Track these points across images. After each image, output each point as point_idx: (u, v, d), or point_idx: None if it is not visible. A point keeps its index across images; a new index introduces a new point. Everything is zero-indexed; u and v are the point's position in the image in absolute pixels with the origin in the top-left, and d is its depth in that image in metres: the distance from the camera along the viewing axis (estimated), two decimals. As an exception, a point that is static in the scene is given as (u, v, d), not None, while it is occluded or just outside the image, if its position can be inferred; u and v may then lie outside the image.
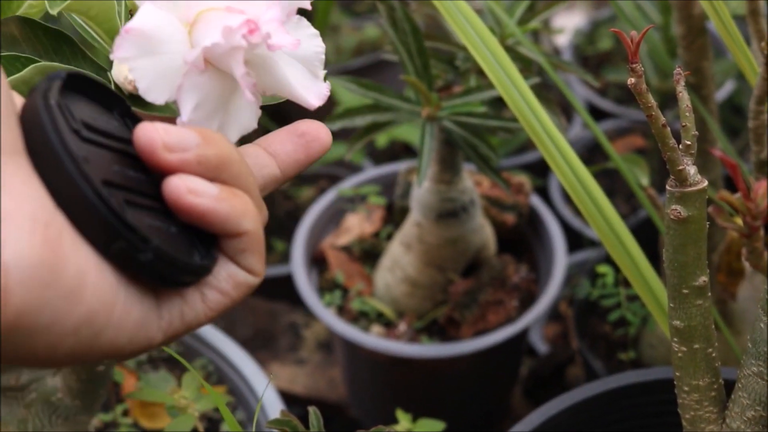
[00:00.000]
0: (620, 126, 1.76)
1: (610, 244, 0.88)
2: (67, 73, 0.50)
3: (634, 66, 0.64)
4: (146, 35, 0.53)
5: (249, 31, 0.52)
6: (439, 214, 1.23)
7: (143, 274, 0.50)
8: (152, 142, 0.50)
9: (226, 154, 0.52)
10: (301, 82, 0.57)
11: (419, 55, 1.07)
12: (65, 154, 0.46)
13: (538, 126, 0.88)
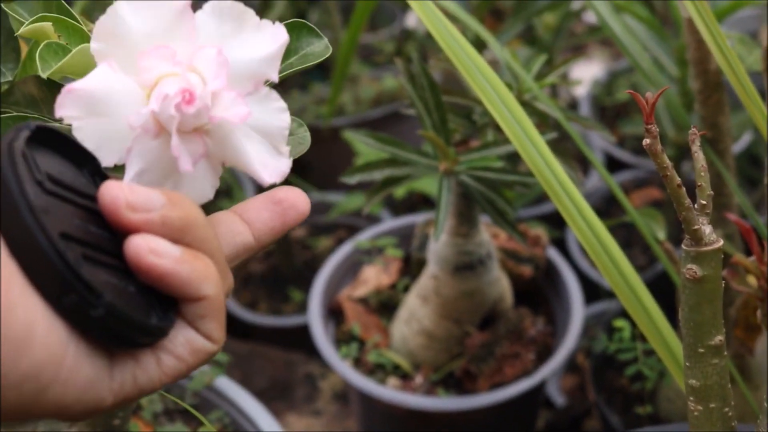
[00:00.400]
0: (637, 177, 1.76)
1: (626, 299, 0.88)
2: (37, 126, 0.50)
3: (650, 127, 0.64)
4: (92, 96, 0.52)
5: (184, 102, 0.52)
6: (455, 266, 1.24)
7: (94, 331, 0.48)
8: (116, 200, 0.49)
9: (191, 217, 0.51)
10: (259, 158, 0.56)
11: (437, 109, 1.08)
12: (22, 201, 0.46)
13: (554, 181, 0.88)
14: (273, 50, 0.56)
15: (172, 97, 0.52)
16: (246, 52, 0.56)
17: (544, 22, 1.69)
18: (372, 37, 2.18)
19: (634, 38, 1.31)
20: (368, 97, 1.98)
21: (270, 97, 0.57)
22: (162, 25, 0.54)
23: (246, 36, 0.56)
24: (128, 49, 0.54)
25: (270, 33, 0.56)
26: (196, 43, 0.55)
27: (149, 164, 0.54)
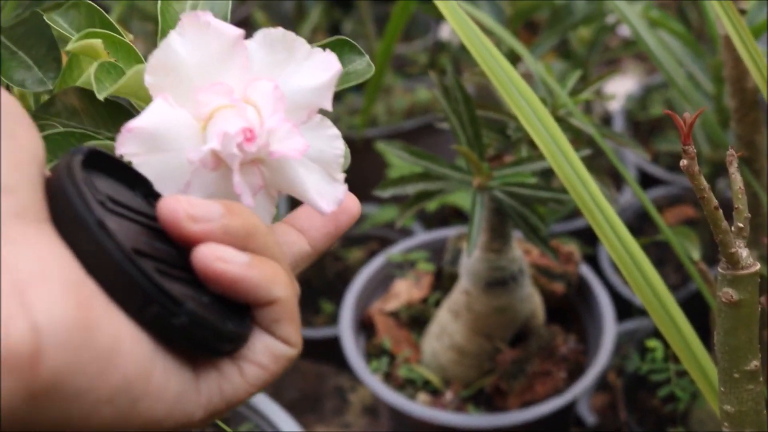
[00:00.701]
0: (671, 193, 1.75)
1: (659, 318, 0.87)
2: (90, 149, 0.51)
3: (687, 148, 0.64)
4: (151, 133, 0.53)
5: (245, 140, 0.52)
6: (488, 282, 1.23)
7: (177, 341, 0.49)
8: (176, 213, 0.49)
9: (252, 224, 0.51)
10: (316, 186, 0.56)
11: (471, 124, 1.07)
12: (94, 221, 0.46)
13: (588, 199, 0.87)
14: (326, 79, 0.56)
15: (233, 135, 0.52)
16: (299, 81, 0.56)
17: (578, 35, 1.68)
18: (406, 48, 2.18)
19: (669, 54, 1.30)
20: (401, 109, 1.98)
21: (323, 125, 0.57)
22: (215, 56, 0.55)
23: (298, 65, 0.56)
24: (183, 82, 0.54)
25: (322, 62, 0.56)
26: (250, 72, 0.55)
27: (209, 196, 0.54)
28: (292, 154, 0.53)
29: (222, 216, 0.50)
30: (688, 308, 0.94)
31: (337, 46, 0.62)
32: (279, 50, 0.56)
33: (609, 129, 1.14)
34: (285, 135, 0.54)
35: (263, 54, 0.56)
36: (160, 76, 0.54)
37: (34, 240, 0.45)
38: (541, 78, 1.11)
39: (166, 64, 0.54)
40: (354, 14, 2.18)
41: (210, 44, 0.54)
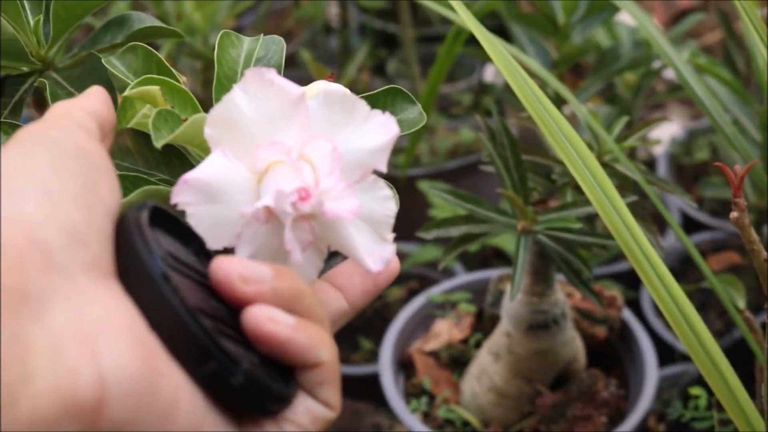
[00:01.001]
0: (715, 238, 1.73)
1: (703, 365, 0.86)
2: (153, 206, 0.52)
3: (738, 201, 0.64)
4: (206, 185, 0.53)
5: (299, 199, 0.53)
6: (529, 325, 1.23)
7: (231, 398, 0.50)
8: (229, 274, 0.51)
9: (298, 287, 0.53)
10: (365, 245, 0.57)
11: (516, 168, 1.08)
12: (160, 277, 0.48)
13: (634, 245, 0.87)
14: (383, 142, 0.57)
15: (287, 194, 0.53)
16: (357, 142, 0.56)
17: (624, 79, 1.69)
18: (450, 88, 2.19)
19: (715, 99, 1.30)
20: (444, 149, 1.99)
21: (376, 185, 0.58)
22: (277, 113, 0.55)
23: (357, 126, 0.57)
24: (242, 136, 0.55)
25: (381, 124, 0.57)
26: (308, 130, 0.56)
27: (259, 249, 0.55)
28: (345, 215, 0.54)
29: (272, 278, 0.52)
30: (733, 356, 0.93)
31: (389, 94, 0.63)
32: (339, 110, 0.57)
33: (655, 175, 1.14)
34: (339, 195, 0.54)
35: (323, 113, 0.56)
36: (220, 129, 0.55)
37: (103, 293, 0.46)
38: (587, 123, 1.11)
39: (228, 118, 0.55)
40: (399, 54, 2.20)
41: (272, 101, 0.55)
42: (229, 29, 0.68)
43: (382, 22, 2.31)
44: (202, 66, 1.61)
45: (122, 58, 0.65)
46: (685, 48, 1.60)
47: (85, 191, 0.48)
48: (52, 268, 0.44)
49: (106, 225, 0.48)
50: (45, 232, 0.45)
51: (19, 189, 0.46)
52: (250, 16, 2.27)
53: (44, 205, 0.46)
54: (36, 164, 0.47)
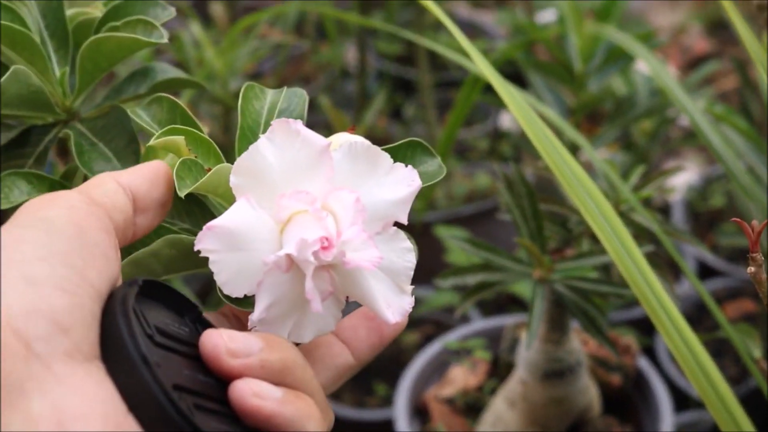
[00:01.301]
0: (730, 286, 1.73)
1: (717, 413, 0.86)
2: (144, 280, 0.53)
3: (754, 256, 0.64)
4: (231, 232, 0.54)
5: (322, 248, 0.54)
6: (545, 373, 1.23)
7: None
8: (216, 348, 0.52)
9: (289, 358, 0.53)
10: (384, 296, 0.57)
11: (534, 218, 1.08)
12: (139, 359, 0.48)
13: (651, 296, 0.87)
14: (406, 194, 0.57)
15: (310, 243, 0.53)
16: (379, 194, 0.57)
17: (640, 127, 1.69)
18: (466, 133, 2.20)
19: (730, 148, 1.30)
20: (461, 194, 2.00)
21: (397, 237, 0.58)
22: (302, 163, 0.56)
23: (379, 178, 0.58)
24: (267, 185, 0.56)
25: (404, 177, 0.58)
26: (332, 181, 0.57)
27: (279, 297, 0.56)
28: (366, 266, 0.54)
29: (261, 350, 0.52)
30: (748, 404, 0.93)
31: (409, 146, 0.64)
32: (362, 162, 0.57)
33: (671, 225, 1.14)
34: (360, 245, 0.55)
35: (347, 165, 0.57)
36: (245, 178, 0.56)
37: (82, 379, 0.47)
38: (604, 173, 1.12)
39: (253, 167, 0.56)
40: (415, 99, 2.21)
41: (297, 152, 0.56)
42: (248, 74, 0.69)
43: (400, 67, 2.33)
44: (221, 111, 1.63)
45: (147, 109, 0.66)
46: (701, 96, 1.61)
47: (72, 276, 0.49)
48: (32, 358, 0.46)
49: (93, 308, 0.49)
50: (26, 322, 0.46)
51: (5, 278, 0.47)
52: (269, 62, 2.29)
53: (27, 295, 0.47)
54: (25, 251, 0.49)
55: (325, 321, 0.58)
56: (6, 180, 0.70)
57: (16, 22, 0.71)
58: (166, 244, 0.60)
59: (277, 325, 0.56)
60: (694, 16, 2.61)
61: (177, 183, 0.58)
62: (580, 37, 1.48)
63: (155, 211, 0.58)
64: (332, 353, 0.60)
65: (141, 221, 0.58)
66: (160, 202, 0.58)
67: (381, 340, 0.61)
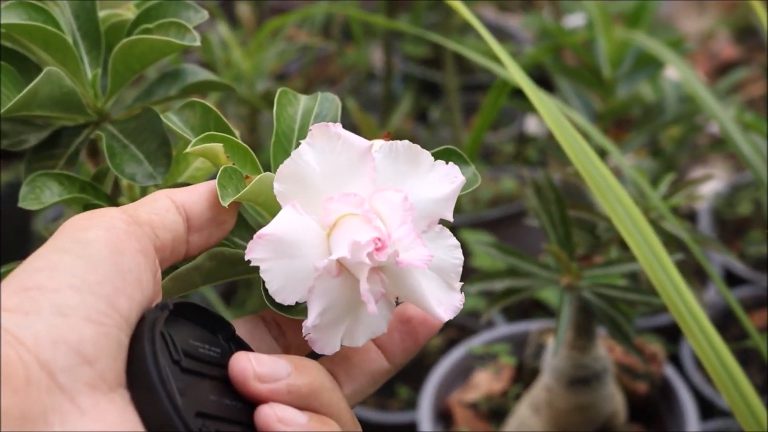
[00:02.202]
0: (757, 294, 1.72)
1: (746, 423, 0.85)
2: (175, 303, 0.53)
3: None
4: (280, 240, 0.54)
5: (376, 249, 0.53)
6: (570, 380, 1.22)
7: None
8: (245, 372, 0.53)
9: (317, 383, 0.54)
10: (434, 294, 0.57)
11: (562, 224, 1.08)
12: (162, 388, 0.49)
13: (681, 305, 0.87)
14: (450, 191, 0.57)
15: (363, 245, 0.53)
16: (422, 192, 0.57)
17: (668, 133, 1.68)
18: (491, 137, 2.19)
19: (759, 156, 1.29)
20: (486, 197, 1.99)
21: (443, 235, 0.58)
22: (344, 166, 0.56)
23: (421, 176, 0.57)
24: (311, 190, 0.56)
25: (446, 174, 0.58)
26: (374, 183, 0.56)
27: (331, 303, 0.55)
28: (418, 264, 0.54)
29: (289, 375, 0.53)
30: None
31: (444, 155, 0.63)
32: (404, 161, 0.57)
33: (700, 233, 1.14)
34: (410, 245, 0.55)
35: (388, 165, 0.57)
36: (289, 185, 0.56)
37: (105, 409, 0.48)
38: (632, 180, 1.11)
39: (296, 173, 0.56)
40: (441, 102, 2.21)
41: (339, 155, 0.56)
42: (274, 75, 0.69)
43: (426, 70, 2.32)
44: (248, 112, 1.63)
45: (180, 114, 0.66)
46: (730, 103, 1.60)
47: (101, 305, 0.49)
48: (56, 389, 0.46)
49: (120, 336, 0.50)
50: (52, 353, 0.47)
51: (36, 307, 0.48)
52: (295, 63, 2.29)
53: (56, 325, 0.48)
54: (58, 279, 0.49)
55: (378, 323, 0.58)
56: (37, 181, 0.70)
57: (49, 24, 0.71)
58: (207, 257, 0.60)
59: (330, 331, 0.56)
60: (722, 22, 2.59)
61: (219, 192, 0.57)
62: (609, 42, 1.48)
63: (211, 230, 0.58)
64: (369, 359, 0.60)
65: (195, 240, 0.58)
66: (216, 221, 0.58)
67: (416, 344, 0.61)
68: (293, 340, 0.62)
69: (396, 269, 0.56)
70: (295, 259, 0.55)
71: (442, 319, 0.57)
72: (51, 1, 0.74)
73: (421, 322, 0.61)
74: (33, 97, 0.69)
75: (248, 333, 0.60)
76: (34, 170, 0.73)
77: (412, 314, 0.61)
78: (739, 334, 1.66)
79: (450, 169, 0.58)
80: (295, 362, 0.54)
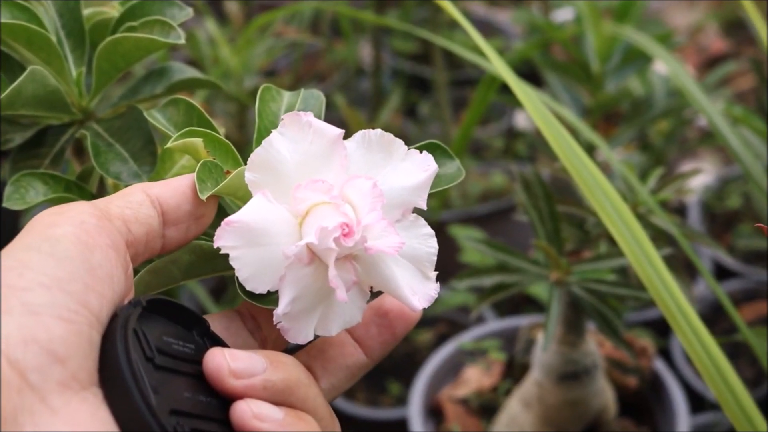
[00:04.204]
0: (746, 287, 1.72)
1: (734, 415, 0.85)
2: (148, 300, 0.53)
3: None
4: (249, 227, 0.54)
5: (343, 235, 0.53)
6: (560, 375, 1.22)
7: None
8: (220, 368, 0.52)
9: (293, 378, 0.54)
10: (409, 283, 0.57)
11: (551, 219, 1.08)
12: (135, 387, 0.48)
13: (669, 299, 0.87)
14: (423, 179, 0.57)
15: (330, 230, 0.53)
16: (396, 181, 0.57)
17: (657, 127, 1.68)
18: (481, 132, 2.19)
19: (748, 149, 1.29)
20: (475, 193, 1.99)
21: (417, 224, 0.58)
22: (315, 154, 0.56)
23: (395, 165, 0.57)
24: (282, 179, 0.56)
25: (419, 162, 0.58)
26: (347, 171, 0.56)
27: (302, 291, 0.55)
28: (389, 251, 0.54)
29: (264, 370, 0.53)
30: (765, 407, 0.92)
31: (428, 149, 0.63)
32: (377, 150, 0.57)
33: (689, 227, 1.14)
34: (381, 232, 0.55)
35: (361, 154, 0.57)
36: (260, 173, 0.55)
37: (76, 408, 0.47)
38: (621, 174, 1.11)
39: (267, 161, 0.55)
40: (430, 97, 2.21)
41: (311, 143, 0.56)
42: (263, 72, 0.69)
43: (415, 65, 2.32)
44: (236, 108, 1.62)
45: (164, 111, 0.66)
46: (719, 97, 1.60)
47: (71, 303, 0.49)
48: (26, 389, 0.46)
49: (91, 334, 0.49)
50: (23, 352, 0.46)
51: (6, 306, 0.47)
52: (284, 60, 2.29)
53: (26, 324, 0.47)
54: (27, 277, 0.48)
55: (351, 313, 0.58)
56: (22, 180, 0.70)
57: (33, 22, 0.70)
58: (185, 250, 0.60)
59: (302, 319, 0.56)
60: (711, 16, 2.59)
61: (197, 185, 0.57)
62: (598, 37, 1.47)
63: (188, 224, 0.58)
64: (345, 352, 0.60)
65: (171, 234, 0.57)
66: (193, 215, 0.58)
67: (393, 338, 0.61)
68: (269, 333, 0.61)
69: (368, 258, 0.56)
70: (266, 246, 0.54)
71: (416, 309, 0.57)
72: (35, 0, 0.74)
73: (398, 315, 0.61)
74: (17, 96, 0.68)
75: (224, 328, 0.60)
76: (19, 169, 0.73)
77: (389, 307, 0.61)
78: (729, 328, 1.67)
79: (423, 158, 0.58)
80: (270, 357, 0.53)
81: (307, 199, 0.55)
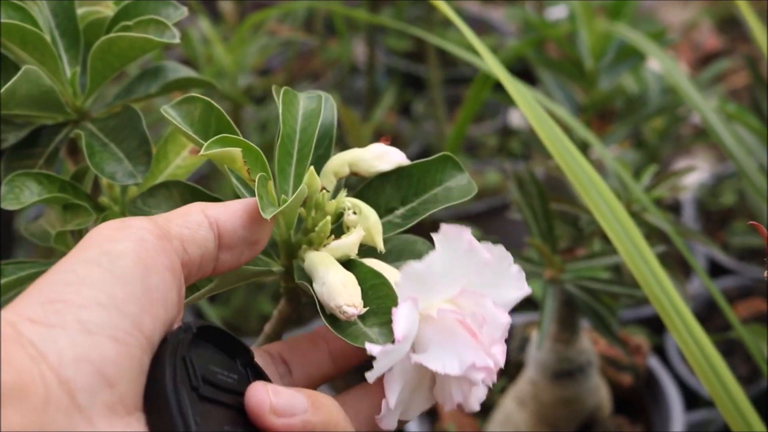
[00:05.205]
0: (741, 284, 1.72)
1: (728, 413, 0.86)
2: (198, 326, 0.53)
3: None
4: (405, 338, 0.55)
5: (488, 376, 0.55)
6: (555, 373, 1.22)
7: None
8: (261, 404, 0.52)
9: (332, 421, 0.53)
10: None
11: (545, 217, 1.08)
12: (179, 419, 0.48)
13: (663, 297, 0.87)
14: (517, 298, 0.60)
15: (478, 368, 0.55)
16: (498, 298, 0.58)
17: (651, 124, 1.69)
18: (475, 130, 2.19)
19: (742, 146, 1.30)
20: (470, 191, 1.98)
21: None
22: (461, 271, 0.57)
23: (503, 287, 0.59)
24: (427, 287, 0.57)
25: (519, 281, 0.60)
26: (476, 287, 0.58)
27: (406, 383, 0.57)
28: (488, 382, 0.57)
29: (305, 411, 0.52)
30: (759, 404, 0.92)
31: (441, 161, 0.63)
32: (495, 265, 0.59)
33: (683, 225, 1.14)
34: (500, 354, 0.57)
35: (488, 272, 0.58)
36: (413, 282, 0.56)
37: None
38: (615, 172, 1.11)
39: (424, 274, 0.56)
40: (425, 95, 2.21)
41: (462, 262, 0.57)
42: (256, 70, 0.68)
43: (409, 64, 2.32)
44: (230, 107, 1.62)
45: (178, 108, 0.64)
46: (712, 94, 1.60)
47: (126, 324, 0.48)
48: (74, 410, 0.46)
49: (142, 358, 0.49)
50: (74, 372, 0.46)
51: (61, 321, 0.47)
52: (278, 58, 2.28)
53: (80, 343, 0.47)
54: (85, 294, 0.48)
55: (430, 401, 0.59)
56: (16, 180, 0.70)
57: (27, 22, 0.70)
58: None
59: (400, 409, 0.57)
60: (705, 13, 2.60)
61: (259, 204, 0.57)
62: (592, 34, 1.48)
63: (242, 249, 0.57)
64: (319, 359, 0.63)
65: (225, 257, 0.57)
66: (248, 240, 0.57)
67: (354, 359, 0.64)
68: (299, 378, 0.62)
69: None
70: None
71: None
72: (29, 0, 0.74)
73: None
74: (11, 96, 0.68)
75: None
76: (13, 169, 0.72)
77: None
78: (724, 325, 1.67)
79: (522, 278, 0.59)
80: (312, 398, 0.53)
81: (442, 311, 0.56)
